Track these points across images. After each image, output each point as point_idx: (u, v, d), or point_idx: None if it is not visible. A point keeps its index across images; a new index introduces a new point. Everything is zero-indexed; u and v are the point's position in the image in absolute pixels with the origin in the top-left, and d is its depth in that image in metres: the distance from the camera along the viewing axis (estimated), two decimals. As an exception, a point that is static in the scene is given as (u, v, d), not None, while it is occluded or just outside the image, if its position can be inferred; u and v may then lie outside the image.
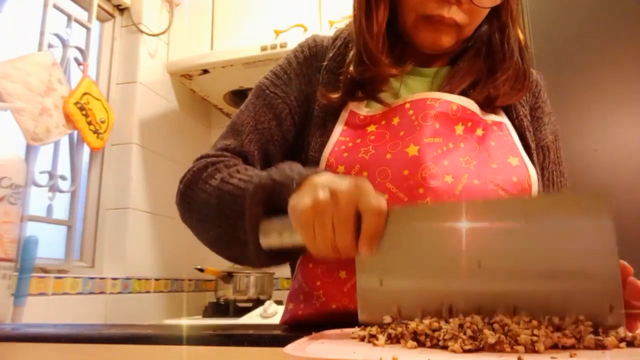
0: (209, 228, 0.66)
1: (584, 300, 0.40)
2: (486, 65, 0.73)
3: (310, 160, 0.71)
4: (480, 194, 0.64)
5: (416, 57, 0.75)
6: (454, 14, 0.68)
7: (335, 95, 0.73)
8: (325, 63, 0.76)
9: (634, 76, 1.37)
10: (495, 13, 0.73)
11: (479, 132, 0.69)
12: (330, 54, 0.77)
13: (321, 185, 0.51)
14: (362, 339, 0.44)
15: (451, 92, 0.71)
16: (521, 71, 0.73)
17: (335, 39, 0.80)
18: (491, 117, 0.72)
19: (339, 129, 0.72)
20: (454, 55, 0.77)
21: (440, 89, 0.73)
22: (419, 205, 0.58)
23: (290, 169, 0.59)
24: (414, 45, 0.74)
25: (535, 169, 0.71)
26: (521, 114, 0.75)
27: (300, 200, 0.51)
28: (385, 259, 0.48)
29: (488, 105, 0.72)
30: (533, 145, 0.73)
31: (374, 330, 0.45)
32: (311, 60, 0.78)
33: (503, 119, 0.73)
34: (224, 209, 0.62)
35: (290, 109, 0.75)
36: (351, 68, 0.73)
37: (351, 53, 0.75)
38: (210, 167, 0.68)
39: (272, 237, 0.56)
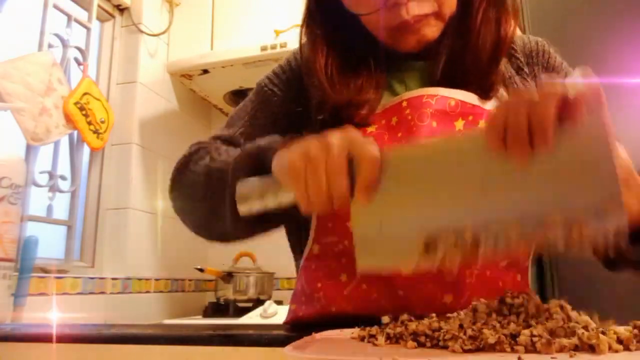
0: (197, 207, 0.64)
1: (581, 201, 0.39)
2: (460, 45, 0.68)
3: None
4: None
5: (395, 60, 0.72)
6: (415, 9, 0.63)
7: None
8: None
9: (633, 76, 1.37)
10: None
11: (482, 124, 0.65)
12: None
13: (309, 139, 0.48)
14: (362, 339, 0.44)
15: (440, 85, 0.67)
16: (495, 44, 0.68)
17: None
18: (494, 105, 0.67)
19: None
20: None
21: (436, 83, 0.69)
22: (412, 146, 0.54)
23: (277, 138, 0.57)
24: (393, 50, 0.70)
25: None
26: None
27: (288, 154, 0.48)
28: (382, 204, 0.46)
29: (484, 92, 0.67)
30: None
31: (373, 330, 0.45)
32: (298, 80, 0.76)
33: None
34: (211, 184, 0.60)
35: (288, 110, 0.74)
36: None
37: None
38: (202, 150, 0.67)
39: (253, 200, 0.51)
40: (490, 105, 0.67)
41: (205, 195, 0.61)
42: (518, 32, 0.72)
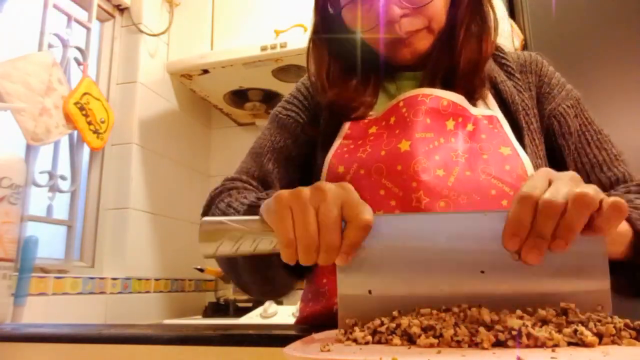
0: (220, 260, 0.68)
1: (576, 299, 0.42)
2: (449, 54, 0.74)
3: (316, 172, 0.74)
4: (473, 184, 0.64)
5: (392, 71, 0.78)
6: (407, 26, 0.69)
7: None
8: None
9: (634, 76, 1.37)
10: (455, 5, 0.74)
11: (470, 127, 0.69)
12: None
13: (304, 188, 0.47)
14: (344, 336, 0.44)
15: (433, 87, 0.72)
16: (476, 57, 0.72)
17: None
18: (482, 112, 0.72)
19: (342, 134, 0.75)
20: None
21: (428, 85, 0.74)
22: (400, 215, 0.55)
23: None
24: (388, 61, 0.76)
25: (531, 152, 0.70)
26: (517, 99, 0.73)
27: (282, 196, 0.46)
28: (371, 268, 0.45)
29: (470, 95, 0.72)
30: (533, 126, 0.72)
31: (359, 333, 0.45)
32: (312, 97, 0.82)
33: (495, 111, 0.72)
34: None
35: (303, 126, 0.79)
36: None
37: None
38: (225, 192, 0.71)
39: (221, 242, 0.46)
40: (479, 112, 0.71)
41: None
42: (513, 49, 0.77)
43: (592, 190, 0.40)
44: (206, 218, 0.49)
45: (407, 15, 0.68)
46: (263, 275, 0.63)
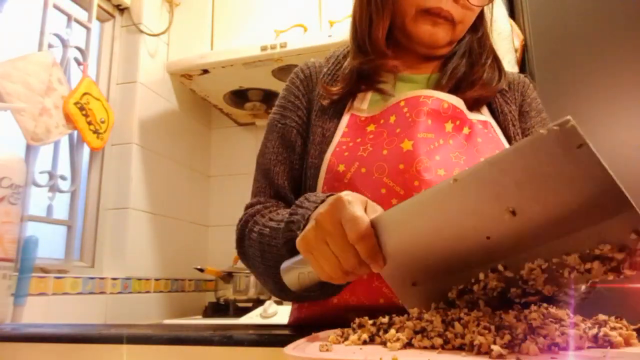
0: (263, 280, 0.72)
1: (603, 234, 0.37)
2: (467, 68, 0.80)
3: (310, 167, 0.75)
4: None
5: (409, 62, 0.81)
6: (451, 7, 0.73)
7: (335, 89, 0.78)
8: (320, 77, 0.82)
9: (634, 76, 1.37)
10: (475, 24, 0.80)
11: (466, 130, 0.73)
12: (325, 70, 0.83)
13: (313, 217, 0.53)
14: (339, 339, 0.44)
15: (442, 90, 0.76)
16: (495, 73, 0.80)
17: (328, 58, 0.86)
18: (477, 117, 0.76)
19: (340, 132, 0.75)
20: (440, 63, 0.82)
21: (433, 88, 0.78)
22: (403, 203, 0.56)
23: (301, 204, 0.62)
24: (409, 49, 0.80)
25: None
26: (505, 109, 0.79)
27: (301, 240, 0.53)
28: (405, 261, 0.47)
29: (474, 104, 0.77)
30: (518, 138, 0.78)
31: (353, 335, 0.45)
32: (307, 81, 0.84)
33: (488, 118, 0.78)
34: (266, 260, 0.67)
35: (297, 128, 0.81)
36: (349, 60, 0.80)
37: (346, 62, 0.81)
38: (251, 220, 0.73)
39: (298, 282, 0.56)
40: (474, 117, 0.76)
41: (266, 268, 0.68)
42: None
43: None
44: (282, 270, 0.57)
45: (456, 0, 0.73)
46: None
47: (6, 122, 1.32)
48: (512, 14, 1.53)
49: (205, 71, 1.83)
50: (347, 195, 0.50)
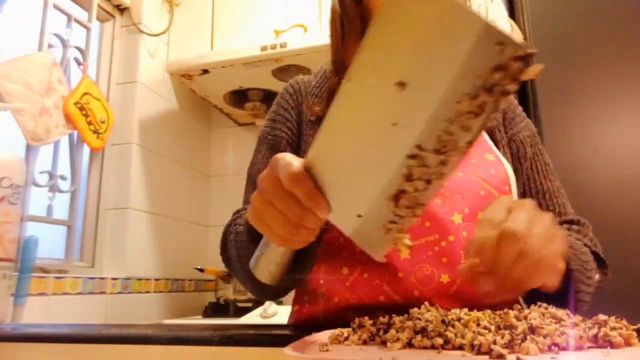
0: (241, 280, 0.74)
1: (476, 67, 0.36)
2: None
3: None
4: (465, 185, 0.69)
5: None
6: None
7: (318, 108, 0.80)
8: (309, 89, 0.85)
9: (634, 75, 1.37)
10: None
11: None
12: (313, 83, 0.85)
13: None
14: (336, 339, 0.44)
15: None
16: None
17: (316, 73, 0.88)
18: None
19: None
20: None
21: None
22: (320, 134, 0.48)
23: None
24: None
25: (509, 162, 0.77)
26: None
27: (249, 210, 0.53)
28: (344, 195, 0.45)
29: None
30: (503, 142, 0.80)
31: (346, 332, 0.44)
32: (296, 95, 0.86)
33: None
34: (241, 257, 0.68)
35: (287, 139, 0.83)
36: (331, 79, 0.81)
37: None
38: (232, 224, 0.75)
39: (267, 269, 0.55)
40: None
41: (243, 271, 0.68)
42: None
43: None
44: (251, 261, 0.57)
45: None
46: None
47: (6, 122, 1.32)
48: (512, 14, 1.53)
49: (205, 71, 1.83)
50: (282, 153, 0.49)
